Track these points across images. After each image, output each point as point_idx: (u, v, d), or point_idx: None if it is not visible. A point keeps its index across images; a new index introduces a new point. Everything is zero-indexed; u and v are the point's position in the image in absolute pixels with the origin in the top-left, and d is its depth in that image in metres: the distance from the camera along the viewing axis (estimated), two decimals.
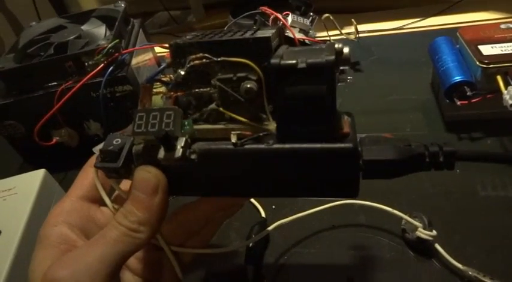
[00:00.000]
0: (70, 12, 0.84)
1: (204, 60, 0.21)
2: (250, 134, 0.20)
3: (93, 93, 0.44)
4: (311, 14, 0.53)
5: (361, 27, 0.58)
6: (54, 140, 0.46)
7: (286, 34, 0.49)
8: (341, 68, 0.21)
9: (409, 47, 0.59)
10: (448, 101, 0.41)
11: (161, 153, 0.20)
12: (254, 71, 0.20)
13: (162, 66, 0.23)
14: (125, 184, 0.24)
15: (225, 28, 0.58)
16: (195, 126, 0.21)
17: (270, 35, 0.20)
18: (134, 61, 0.47)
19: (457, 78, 0.40)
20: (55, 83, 0.45)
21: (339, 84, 0.22)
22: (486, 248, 0.32)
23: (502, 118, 0.41)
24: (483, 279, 0.29)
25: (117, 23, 0.49)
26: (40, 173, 0.42)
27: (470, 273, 0.30)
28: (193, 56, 0.21)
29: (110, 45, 0.44)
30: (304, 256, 0.34)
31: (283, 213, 0.35)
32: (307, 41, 0.50)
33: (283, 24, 0.49)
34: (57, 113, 0.44)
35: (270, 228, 0.32)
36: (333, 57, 0.18)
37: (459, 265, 0.30)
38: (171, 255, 0.24)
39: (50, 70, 0.45)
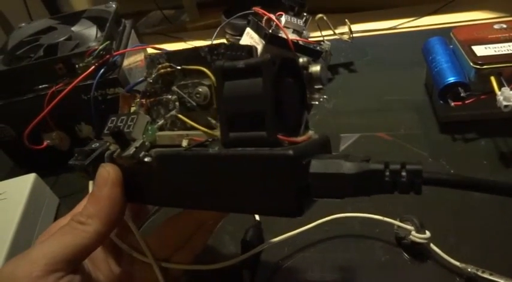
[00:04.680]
0: (63, 12, 0.83)
1: (168, 69, 0.23)
2: (201, 140, 0.21)
3: (84, 95, 0.44)
4: (304, 14, 0.52)
5: (355, 27, 0.58)
6: (45, 144, 0.45)
7: (279, 35, 0.48)
8: (315, 86, 0.22)
9: (403, 47, 0.59)
10: (442, 101, 0.41)
11: (116, 152, 0.22)
12: (208, 77, 0.21)
13: (140, 79, 0.25)
14: None
15: (218, 28, 0.58)
16: (159, 133, 0.22)
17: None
18: (126, 62, 0.47)
19: (451, 79, 0.40)
20: (45, 85, 0.44)
21: (312, 103, 0.22)
22: (482, 245, 0.32)
23: (496, 119, 0.41)
24: (483, 275, 0.28)
25: (108, 24, 0.48)
26: (30, 177, 0.41)
27: (469, 270, 0.29)
28: (160, 66, 0.23)
29: (100, 47, 0.43)
30: (300, 261, 0.34)
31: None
32: (300, 42, 0.50)
33: (277, 25, 0.48)
34: (47, 116, 0.43)
35: (262, 247, 0.32)
36: (268, 56, 0.18)
37: (457, 263, 0.30)
38: (158, 271, 0.23)
39: (40, 72, 0.44)
